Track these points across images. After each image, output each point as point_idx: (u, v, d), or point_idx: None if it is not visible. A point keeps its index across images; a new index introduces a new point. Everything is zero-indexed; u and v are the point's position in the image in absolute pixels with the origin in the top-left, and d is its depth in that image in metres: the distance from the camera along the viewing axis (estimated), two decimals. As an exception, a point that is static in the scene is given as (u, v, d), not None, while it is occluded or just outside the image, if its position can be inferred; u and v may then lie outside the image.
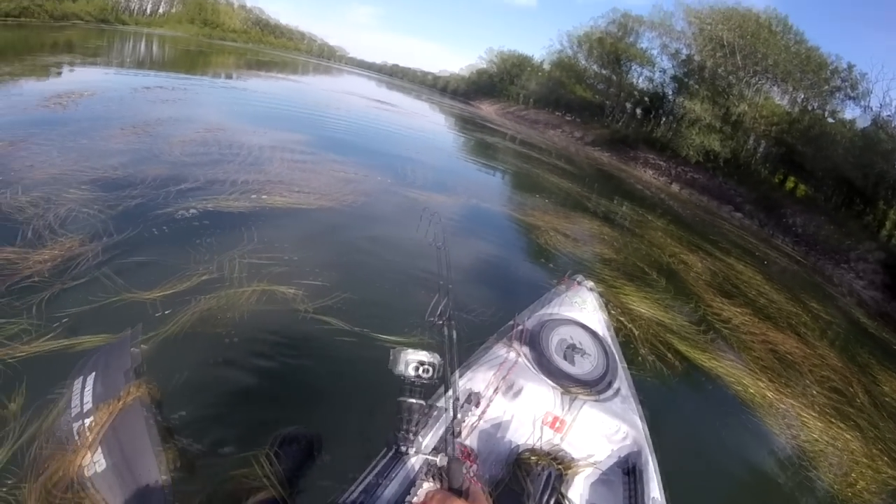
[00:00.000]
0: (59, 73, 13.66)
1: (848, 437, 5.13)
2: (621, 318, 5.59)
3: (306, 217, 6.30)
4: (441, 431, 2.04)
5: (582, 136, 37.95)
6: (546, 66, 52.95)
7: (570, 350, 2.72)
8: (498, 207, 9.73)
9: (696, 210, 17.71)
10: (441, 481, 1.48)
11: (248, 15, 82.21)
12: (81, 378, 1.81)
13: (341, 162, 9.30)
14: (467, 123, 28.65)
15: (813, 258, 20.00)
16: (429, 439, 2.08)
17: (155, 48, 35.83)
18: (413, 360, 1.54)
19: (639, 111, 38.93)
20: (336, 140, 12.06)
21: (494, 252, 6.76)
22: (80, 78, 13.92)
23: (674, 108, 33.98)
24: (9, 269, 3.66)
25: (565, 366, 2.62)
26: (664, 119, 35.88)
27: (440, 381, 1.62)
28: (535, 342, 2.71)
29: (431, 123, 24.02)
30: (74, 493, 1.78)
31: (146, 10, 70.06)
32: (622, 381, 2.76)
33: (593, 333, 2.91)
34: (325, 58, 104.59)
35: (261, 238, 5.09)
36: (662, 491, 2.14)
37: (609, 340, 3.04)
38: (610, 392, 2.60)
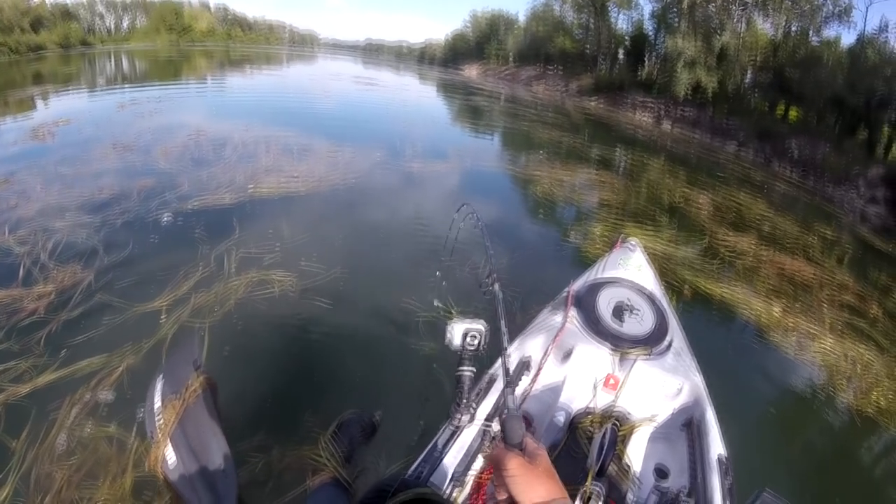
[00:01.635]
0: (34, 107, 13.59)
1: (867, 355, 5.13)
2: None
3: (307, 202, 6.42)
4: (496, 398, 2.19)
5: (567, 86, 37.61)
6: (521, 21, 52.21)
7: (620, 309, 2.71)
8: (496, 168, 9.72)
9: (692, 146, 17.63)
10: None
11: (214, 15, 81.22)
12: (155, 380, 1.96)
13: (333, 144, 9.35)
14: (451, 89, 28.48)
15: (813, 181, 19.86)
16: (485, 407, 2.13)
17: (126, 64, 35.50)
18: (460, 330, 1.54)
19: (622, 54, 38.36)
20: (323, 124, 12.07)
21: (503, 214, 6.76)
22: (56, 107, 13.80)
23: (656, 46, 33.55)
24: (11, 310, 3.72)
25: (615, 325, 2.61)
26: (649, 59, 35.45)
27: (489, 348, 1.62)
28: (583, 305, 2.72)
29: (415, 95, 23.95)
30: (156, 489, 2.20)
31: (111, 27, 69.45)
32: (675, 335, 2.75)
33: (641, 290, 2.91)
34: (297, 45, 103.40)
35: (262, 228, 5.13)
36: (723, 443, 2.12)
37: (659, 295, 3.03)
38: (663, 346, 2.58)
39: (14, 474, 2.53)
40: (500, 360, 2.20)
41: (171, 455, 1.65)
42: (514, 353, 2.57)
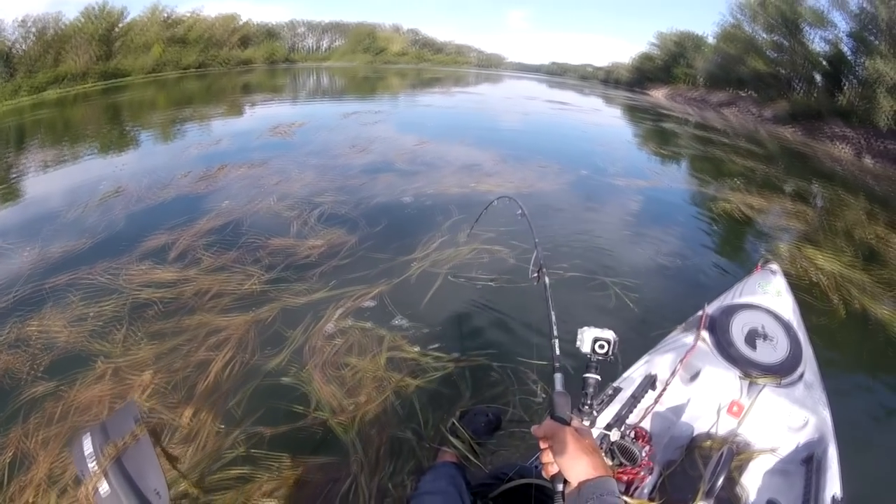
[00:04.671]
0: (260, 110, 16.84)
1: None
2: (811, 300, 5.22)
3: (524, 200, 7.26)
4: (617, 408, 2.20)
5: (760, 112, 35.33)
6: (710, 41, 50.02)
7: (753, 335, 2.70)
8: (689, 188, 9.97)
9: (894, 185, 16.09)
10: (613, 457, 1.66)
11: (405, 38, 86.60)
12: (82, 434, 1.96)
13: (541, 158, 10.25)
14: (639, 112, 28.25)
15: None
16: (606, 416, 2.10)
17: (332, 79, 40.22)
18: (590, 337, 1.59)
19: (818, 77, 35.23)
20: (528, 140, 13.14)
21: (688, 235, 6.93)
22: (282, 111, 16.85)
23: (856, 69, 30.41)
24: (289, 253, 5.19)
25: (747, 350, 2.61)
26: (848, 84, 32.19)
27: (616, 357, 1.66)
28: (716, 327, 2.74)
29: (606, 117, 24.20)
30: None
31: (311, 46, 76.91)
32: (809, 366, 2.70)
33: (777, 317, 2.86)
34: (485, 67, 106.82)
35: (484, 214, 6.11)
36: (842, 484, 2.07)
37: (795, 324, 2.96)
38: (794, 377, 2.55)
39: (288, 349, 3.66)
40: (626, 372, 2.53)
41: (104, 487, 1.70)
42: (642, 367, 2.65)
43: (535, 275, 2.08)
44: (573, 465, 1.06)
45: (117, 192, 7.14)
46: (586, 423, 1.52)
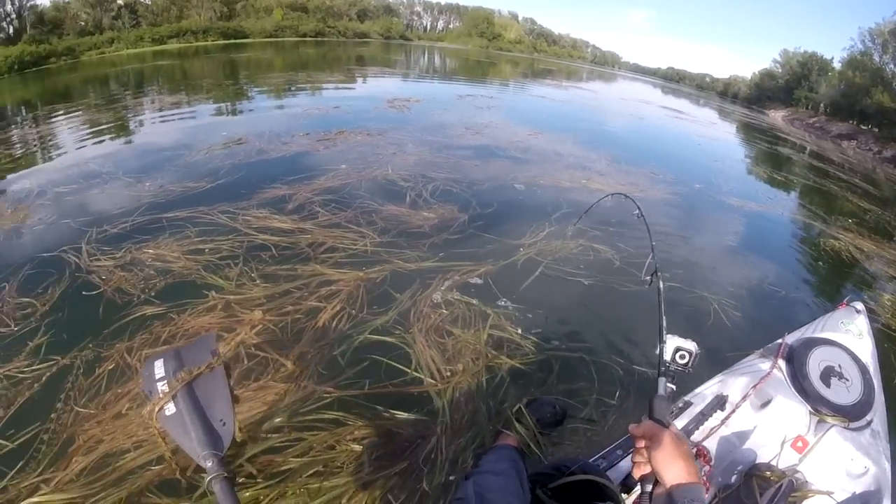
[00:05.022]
0: (376, 81, 17.18)
1: None
2: None
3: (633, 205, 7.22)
4: (685, 421, 2.28)
5: (879, 150, 33.16)
6: (837, 66, 47.21)
7: (828, 372, 2.66)
8: (799, 219, 9.58)
9: None
10: None
11: (522, 26, 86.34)
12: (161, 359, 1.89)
13: (652, 166, 10.00)
14: (755, 132, 27.06)
15: None
16: (675, 426, 2.20)
17: (445, 60, 40.87)
18: (672, 345, 1.61)
19: None
20: (641, 146, 12.90)
21: (791, 266, 6.67)
22: (397, 86, 17.36)
23: None
24: (402, 221, 5.30)
25: (820, 387, 2.57)
26: None
27: (694, 370, 1.68)
28: (794, 359, 2.71)
29: (722, 132, 23.46)
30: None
31: (427, 26, 77.92)
32: (878, 415, 2.64)
33: (855, 358, 2.79)
34: (599, 64, 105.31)
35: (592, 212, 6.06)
36: None
37: (871, 369, 2.90)
38: (862, 423, 2.50)
39: (395, 310, 3.76)
40: (699, 388, 2.51)
41: (170, 408, 1.67)
42: (715, 386, 2.64)
43: (648, 278, 2.06)
44: (669, 467, 1.08)
45: (239, 142, 7.54)
46: None
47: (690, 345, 1.63)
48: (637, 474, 1.15)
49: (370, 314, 3.67)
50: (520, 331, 3.69)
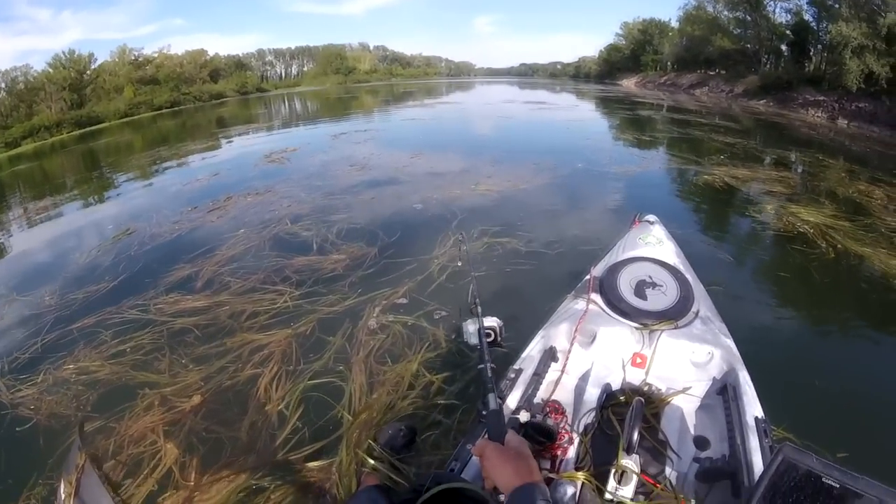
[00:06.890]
0: (246, 140, 17.56)
1: None
2: (799, 247, 5.72)
3: (519, 196, 7.87)
4: (522, 389, 2.31)
5: (731, 89, 35.72)
6: (675, 25, 50.62)
7: (641, 285, 2.77)
8: (676, 167, 10.27)
9: (870, 143, 16.28)
10: (532, 439, 1.72)
11: (374, 55, 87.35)
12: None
13: (533, 157, 10.60)
14: (614, 103, 28.56)
15: None
16: (512, 399, 2.24)
17: (307, 103, 40.82)
18: (474, 328, 1.64)
19: (784, 48, 35.68)
20: (519, 141, 13.80)
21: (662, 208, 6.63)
22: (270, 140, 17.34)
23: (820, 36, 30.87)
24: (315, 269, 5.39)
25: (637, 302, 2.66)
26: (815, 52, 32.67)
27: (508, 341, 1.75)
28: (605, 288, 2.79)
29: (585, 112, 24.68)
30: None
31: (282, 73, 77.55)
32: (702, 303, 2.78)
33: (662, 264, 2.95)
34: (455, 75, 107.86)
35: (489, 211, 6.42)
36: (760, 404, 2.16)
37: (681, 266, 3.07)
38: (690, 317, 2.61)
39: (329, 353, 3.87)
40: (524, 351, 2.55)
41: None
42: (539, 343, 2.64)
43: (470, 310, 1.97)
44: (499, 475, 1.10)
45: (128, 232, 7.33)
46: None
47: (491, 321, 1.72)
48: (489, 487, 1.17)
49: (307, 364, 3.76)
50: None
